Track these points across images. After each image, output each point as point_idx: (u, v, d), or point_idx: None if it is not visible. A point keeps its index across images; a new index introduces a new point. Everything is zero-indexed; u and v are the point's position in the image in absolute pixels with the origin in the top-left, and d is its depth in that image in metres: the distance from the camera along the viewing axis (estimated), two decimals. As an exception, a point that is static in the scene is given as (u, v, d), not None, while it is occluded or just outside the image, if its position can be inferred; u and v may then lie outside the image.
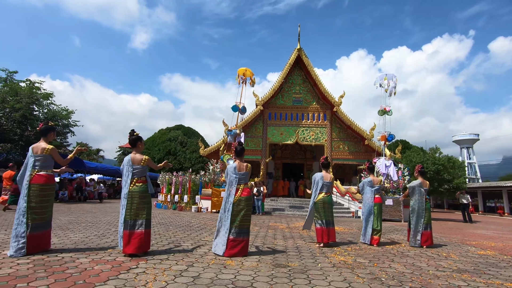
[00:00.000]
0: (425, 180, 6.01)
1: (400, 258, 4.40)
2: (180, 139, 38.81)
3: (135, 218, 3.75)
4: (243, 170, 4.30)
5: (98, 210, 10.73)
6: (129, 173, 3.86)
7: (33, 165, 3.72)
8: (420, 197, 5.76)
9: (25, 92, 14.24)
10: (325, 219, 5.14)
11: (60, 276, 2.79)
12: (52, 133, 3.97)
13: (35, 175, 3.70)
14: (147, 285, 2.66)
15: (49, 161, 3.81)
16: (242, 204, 4.14)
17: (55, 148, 3.82)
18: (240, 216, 4.10)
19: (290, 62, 19.21)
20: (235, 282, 2.86)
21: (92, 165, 21.96)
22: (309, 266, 3.60)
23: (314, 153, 22.49)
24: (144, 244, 3.74)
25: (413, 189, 5.86)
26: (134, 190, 3.80)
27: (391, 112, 13.09)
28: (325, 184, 5.32)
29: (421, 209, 5.67)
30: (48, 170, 3.80)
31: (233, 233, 4.02)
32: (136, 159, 3.90)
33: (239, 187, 4.22)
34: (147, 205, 3.86)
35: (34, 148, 3.80)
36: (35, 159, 3.73)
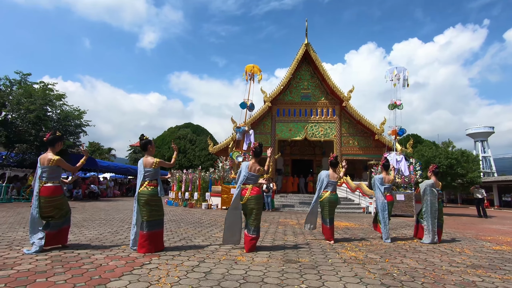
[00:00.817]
0: (437, 180, 5.92)
1: (412, 253, 4.35)
2: (189, 137, 39.13)
3: (146, 220, 3.81)
4: (254, 171, 4.29)
5: (111, 208, 10.96)
6: (141, 176, 3.95)
7: (40, 176, 3.80)
8: (432, 197, 5.66)
9: (39, 94, 14.57)
10: (329, 217, 5.16)
11: (76, 271, 2.88)
12: (59, 143, 3.99)
13: (42, 187, 3.77)
14: (160, 280, 2.71)
15: (56, 172, 3.85)
16: (251, 203, 4.13)
17: (61, 159, 3.85)
18: (249, 214, 4.13)
19: (298, 58, 19.06)
20: (246, 277, 2.89)
21: (104, 163, 22.45)
22: (319, 262, 3.60)
23: (324, 149, 22.32)
24: (157, 244, 3.83)
25: (425, 189, 5.75)
26: (143, 193, 3.86)
27: (402, 106, 12.86)
28: (330, 182, 5.29)
29: (434, 209, 5.58)
30: (55, 181, 3.85)
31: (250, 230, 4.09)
32: (148, 162, 3.96)
33: (248, 186, 4.22)
34: (156, 207, 3.91)
35: (41, 159, 3.85)
36: (42, 170, 3.80)
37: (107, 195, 20.10)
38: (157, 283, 2.62)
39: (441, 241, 5.57)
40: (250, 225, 4.10)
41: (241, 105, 14.12)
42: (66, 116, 15.50)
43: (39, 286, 2.46)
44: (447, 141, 15.95)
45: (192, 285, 2.60)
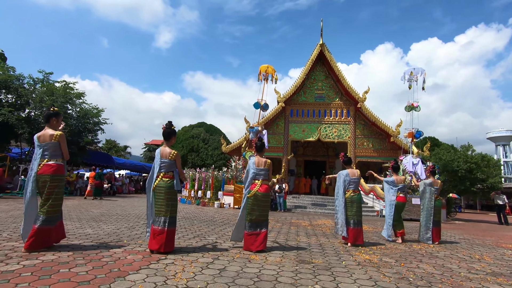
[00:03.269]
0: (436, 179, 6.26)
1: (428, 259, 4.26)
2: (202, 136, 39.51)
3: (159, 215, 3.62)
4: (261, 165, 4.25)
5: (127, 204, 11.24)
6: (157, 166, 3.74)
7: (42, 155, 3.40)
8: (430, 195, 6.00)
9: (60, 92, 15.13)
10: (352, 218, 4.96)
11: (97, 264, 2.99)
12: (54, 118, 3.57)
13: (43, 165, 3.37)
14: (176, 275, 2.78)
15: (58, 149, 3.48)
16: (259, 199, 4.11)
17: (63, 135, 3.51)
18: (257, 211, 4.09)
19: (312, 58, 18.93)
20: (260, 276, 2.91)
21: (120, 161, 23.03)
22: (333, 264, 3.59)
23: (337, 151, 22.04)
24: (168, 243, 3.56)
25: (424, 188, 6.10)
26: (160, 185, 3.66)
27: (419, 108, 12.55)
28: (353, 181, 5.09)
29: (430, 207, 5.92)
30: (58, 159, 3.47)
31: (249, 227, 4.07)
32: (165, 152, 3.76)
33: (257, 182, 4.19)
34: (172, 202, 3.68)
35: (41, 137, 3.45)
36: (43, 148, 3.41)
37: (122, 192, 20.61)
38: (174, 278, 2.69)
39: (458, 247, 5.47)
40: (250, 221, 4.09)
41: (255, 105, 14.16)
42: (85, 114, 16.00)
43: (63, 276, 2.57)
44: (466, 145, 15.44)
45: (207, 281, 2.65)
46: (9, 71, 14.96)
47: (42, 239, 3.32)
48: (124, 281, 2.53)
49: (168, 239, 3.58)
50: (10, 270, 2.64)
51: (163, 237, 3.53)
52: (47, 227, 3.35)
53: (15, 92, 14.87)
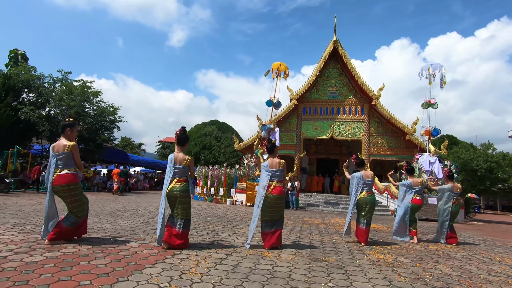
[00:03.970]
0: (455, 183, 6.08)
1: (446, 260, 4.16)
2: (215, 134, 39.84)
3: (174, 216, 3.67)
4: (275, 167, 4.23)
5: (142, 200, 11.50)
6: (171, 172, 3.76)
7: (56, 165, 3.54)
8: (447, 199, 5.88)
9: (78, 91, 15.60)
10: (363, 218, 4.94)
11: (115, 257, 3.08)
12: (69, 129, 3.70)
13: (56, 176, 3.51)
14: (191, 270, 2.83)
15: (72, 159, 3.62)
16: (272, 201, 4.10)
17: (76, 146, 3.64)
18: (270, 212, 4.11)
19: (326, 55, 18.69)
20: (273, 272, 2.93)
21: (135, 158, 23.54)
22: (346, 262, 3.56)
23: (351, 149, 21.75)
24: (182, 244, 3.62)
25: (443, 193, 5.99)
26: (174, 189, 3.68)
27: (437, 105, 12.20)
28: (366, 183, 5.04)
29: (447, 211, 5.80)
30: (71, 169, 3.60)
31: (264, 226, 4.11)
32: (179, 158, 3.78)
33: (271, 183, 4.17)
34: (186, 205, 3.71)
35: (55, 147, 3.60)
36: (57, 158, 3.55)
37: (137, 188, 21.07)
38: (188, 272, 2.74)
39: (477, 249, 5.32)
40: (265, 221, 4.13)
41: (267, 102, 14.13)
42: (102, 112, 16.43)
43: (83, 267, 2.67)
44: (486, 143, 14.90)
45: (221, 277, 2.69)
46: (31, 71, 15.55)
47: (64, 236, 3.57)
48: (141, 274, 2.60)
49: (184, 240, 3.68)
50: (34, 261, 2.76)
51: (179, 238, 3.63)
52: (71, 228, 3.60)
53: (36, 91, 15.45)
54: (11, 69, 16.22)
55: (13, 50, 18.74)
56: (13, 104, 14.44)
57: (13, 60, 18.41)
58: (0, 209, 6.38)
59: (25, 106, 14.12)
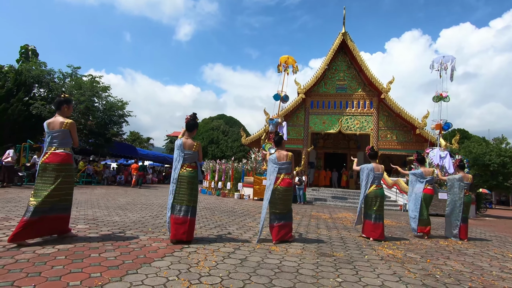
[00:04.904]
0: (466, 174, 5.97)
1: (456, 256, 4.09)
2: (222, 128, 39.96)
3: (181, 204, 3.63)
4: (283, 159, 4.23)
5: (150, 194, 11.64)
6: (180, 158, 3.72)
7: (50, 142, 3.25)
8: (459, 190, 5.73)
9: (87, 86, 15.77)
10: (375, 213, 4.89)
11: (124, 250, 3.13)
12: (65, 105, 3.43)
13: (50, 153, 3.22)
14: (199, 263, 2.85)
15: (68, 137, 3.33)
16: (281, 193, 4.12)
17: (74, 123, 3.36)
18: (279, 204, 4.12)
19: (334, 48, 18.40)
20: (281, 267, 2.93)
21: (144, 152, 23.78)
22: (355, 257, 3.53)
23: (359, 143, 21.54)
24: (188, 231, 3.60)
25: (453, 184, 5.83)
26: (183, 175, 3.68)
27: (448, 98, 11.91)
28: (377, 175, 5.02)
29: (459, 203, 5.66)
30: (66, 148, 3.32)
31: (273, 219, 4.11)
32: (187, 144, 3.78)
33: (279, 176, 4.18)
34: (194, 191, 3.72)
35: (50, 124, 3.30)
36: (52, 135, 3.26)
37: (146, 182, 21.34)
38: (197, 266, 2.76)
39: (489, 245, 5.22)
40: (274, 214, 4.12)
41: (275, 96, 14.05)
42: (111, 106, 16.59)
43: (93, 260, 2.71)
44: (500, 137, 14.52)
45: (229, 270, 2.70)
46: (41, 66, 15.76)
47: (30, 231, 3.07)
48: (149, 267, 2.63)
49: (190, 228, 3.65)
50: (46, 253, 2.82)
51: (186, 226, 3.59)
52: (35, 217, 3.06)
53: (47, 86, 15.67)
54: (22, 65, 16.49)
55: (24, 45, 19.02)
56: (25, 99, 14.69)
57: (24, 56, 18.70)
58: (14, 201, 6.54)
59: (36, 101, 14.34)
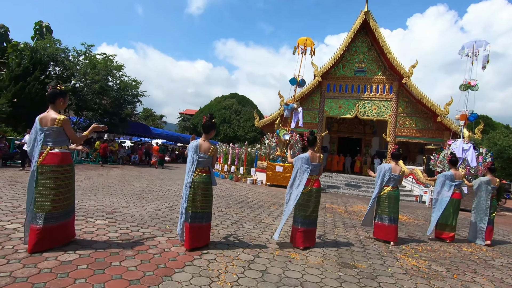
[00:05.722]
0: (494, 177, 5.77)
1: (484, 269, 3.92)
2: (234, 108, 39.62)
3: (196, 211, 3.47)
4: (316, 161, 4.13)
5: (165, 177, 11.77)
6: (194, 161, 3.52)
7: (44, 141, 3.02)
8: (486, 194, 5.60)
9: (102, 65, 15.64)
10: (388, 215, 4.80)
11: (144, 256, 3.10)
12: (61, 99, 3.13)
13: (47, 153, 3.01)
14: (220, 276, 2.80)
15: (62, 135, 3.11)
16: (313, 195, 4.04)
17: (67, 119, 3.09)
18: (310, 206, 4.03)
19: (355, 28, 17.40)
20: (304, 283, 2.84)
21: (157, 131, 23.97)
22: (378, 270, 3.42)
23: (375, 128, 20.97)
24: (204, 237, 3.56)
25: (479, 186, 5.69)
26: (197, 180, 3.50)
27: (477, 87, 11.18)
28: (393, 177, 4.88)
29: (486, 207, 5.54)
30: (63, 147, 3.11)
31: (301, 223, 3.99)
32: (204, 146, 3.57)
33: (311, 177, 4.07)
34: (209, 197, 3.59)
35: (42, 119, 3.03)
36: (45, 133, 3.01)
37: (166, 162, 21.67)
38: (218, 281, 2.70)
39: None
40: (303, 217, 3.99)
41: (291, 81, 13.59)
42: (125, 86, 16.53)
43: (115, 271, 2.69)
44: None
45: (251, 287, 2.63)
46: (56, 44, 15.64)
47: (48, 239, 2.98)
48: (171, 282, 2.59)
49: (206, 233, 3.60)
50: (68, 260, 2.81)
51: (202, 232, 3.53)
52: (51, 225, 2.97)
53: (62, 65, 15.63)
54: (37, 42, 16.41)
55: (38, 22, 18.82)
56: (41, 78, 14.76)
57: (39, 33, 18.58)
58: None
59: (53, 80, 14.39)
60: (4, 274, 2.41)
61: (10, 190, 5.94)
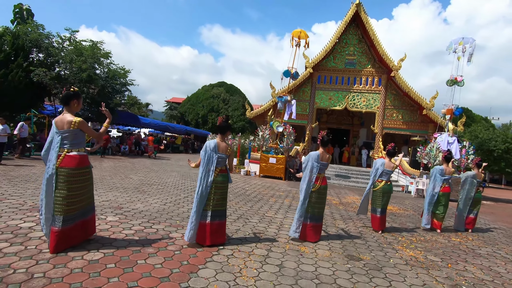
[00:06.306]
0: (480, 172, 6.37)
1: (472, 257, 4.31)
2: (222, 97, 39.32)
3: (216, 209, 3.61)
4: (325, 160, 4.38)
5: (159, 169, 11.74)
6: (214, 161, 3.62)
7: (61, 144, 3.04)
8: (470, 187, 6.15)
9: (88, 52, 15.07)
10: (381, 207, 5.25)
11: (165, 254, 3.23)
12: (75, 100, 3.15)
13: (65, 156, 3.03)
14: (241, 271, 2.98)
15: (80, 137, 3.13)
16: (321, 192, 4.32)
17: (83, 121, 3.12)
18: (318, 203, 4.29)
19: (346, 20, 17.55)
20: (319, 276, 3.08)
21: (146, 120, 23.55)
22: (381, 262, 3.71)
23: (363, 120, 21.50)
24: (222, 234, 3.71)
25: (466, 179, 6.22)
26: (217, 180, 3.63)
27: (463, 82, 11.70)
28: (386, 171, 5.32)
29: (469, 198, 6.13)
30: (80, 149, 3.14)
31: (310, 218, 4.24)
32: (222, 146, 3.70)
33: (319, 176, 4.31)
34: (225, 195, 3.75)
35: (58, 122, 3.06)
36: (62, 136, 3.04)
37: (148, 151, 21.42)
38: (241, 276, 2.88)
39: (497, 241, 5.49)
40: (312, 213, 4.26)
41: (285, 73, 13.67)
42: (114, 75, 16.06)
43: (143, 268, 2.81)
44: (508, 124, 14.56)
45: (273, 282, 2.83)
46: (39, 29, 14.89)
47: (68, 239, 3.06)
48: (198, 278, 2.74)
49: (224, 230, 3.77)
50: (95, 259, 2.91)
51: (220, 230, 3.68)
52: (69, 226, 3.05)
53: (46, 51, 14.96)
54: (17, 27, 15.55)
55: (18, 5, 17.72)
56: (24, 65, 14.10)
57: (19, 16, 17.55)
58: (31, 181, 6.55)
59: (37, 68, 13.78)
60: (38, 275, 2.49)
61: (9, 185, 5.84)
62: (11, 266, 2.60)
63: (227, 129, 3.83)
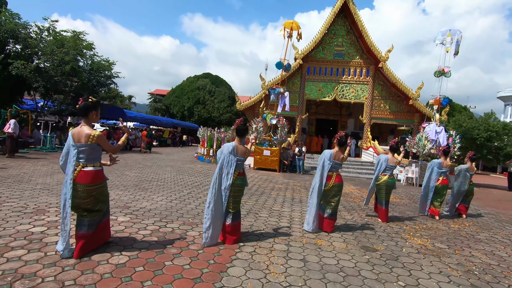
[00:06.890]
0: (473, 165, 6.68)
1: (474, 243, 4.57)
2: (208, 88, 38.72)
3: (235, 211, 3.66)
4: (338, 159, 4.48)
5: (153, 164, 11.50)
6: (233, 164, 3.59)
7: (77, 157, 2.97)
8: (464, 179, 6.46)
9: (70, 44, 14.34)
10: (385, 200, 5.47)
11: (190, 253, 3.20)
12: (94, 112, 3.06)
13: (80, 171, 2.97)
14: (268, 268, 3.02)
15: (96, 151, 3.05)
16: (335, 190, 4.43)
17: (102, 135, 3.03)
18: (333, 200, 4.42)
19: (335, 11, 17.61)
20: (343, 269, 3.16)
21: (132, 114, 22.91)
22: (395, 251, 3.85)
23: (351, 110, 21.89)
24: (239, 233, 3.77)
25: (459, 172, 6.53)
26: (236, 183, 3.63)
27: (450, 73, 12.09)
28: (389, 166, 5.55)
29: (462, 190, 6.44)
30: (96, 164, 3.07)
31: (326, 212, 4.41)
32: (240, 149, 3.68)
33: (331, 174, 4.43)
34: (240, 197, 3.77)
35: (75, 134, 2.97)
36: (78, 150, 2.96)
37: (136, 145, 20.91)
38: (270, 273, 2.92)
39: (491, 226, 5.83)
40: (330, 208, 4.41)
41: (277, 65, 13.60)
42: (98, 67, 15.42)
43: (172, 270, 2.78)
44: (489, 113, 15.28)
45: (302, 277, 2.89)
46: (14, 18, 13.96)
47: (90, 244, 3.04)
48: (230, 277, 2.75)
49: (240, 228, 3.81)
50: (122, 263, 2.85)
51: (237, 229, 3.72)
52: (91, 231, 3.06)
53: (24, 42, 14.09)
54: (-10, 16, 14.48)
55: (-12, -9, 16.43)
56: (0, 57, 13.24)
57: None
58: (25, 182, 6.26)
59: (15, 61, 12.99)
60: (69, 283, 2.41)
61: (3, 187, 5.55)
62: (37, 275, 2.50)
63: (245, 132, 3.81)
